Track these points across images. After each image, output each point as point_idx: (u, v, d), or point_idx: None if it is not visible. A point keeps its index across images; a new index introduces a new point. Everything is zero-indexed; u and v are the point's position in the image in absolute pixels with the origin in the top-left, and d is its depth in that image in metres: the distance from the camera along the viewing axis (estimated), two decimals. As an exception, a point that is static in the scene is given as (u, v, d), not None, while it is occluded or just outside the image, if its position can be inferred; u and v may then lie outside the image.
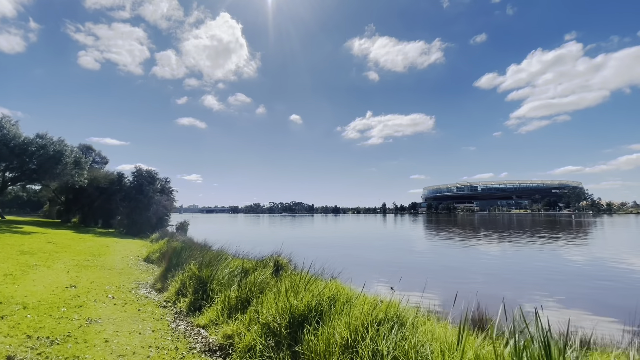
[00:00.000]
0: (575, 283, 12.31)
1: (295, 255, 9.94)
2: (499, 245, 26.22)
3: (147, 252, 13.57)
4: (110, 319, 5.32)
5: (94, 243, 16.08)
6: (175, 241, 13.79)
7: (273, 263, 6.36)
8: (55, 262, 10.13)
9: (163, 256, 12.63)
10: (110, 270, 10.06)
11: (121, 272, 10.07)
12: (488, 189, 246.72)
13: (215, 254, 7.82)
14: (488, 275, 13.80)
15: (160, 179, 26.19)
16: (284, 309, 4.17)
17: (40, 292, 6.53)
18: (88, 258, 11.64)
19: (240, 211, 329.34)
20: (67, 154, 20.04)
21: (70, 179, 20.16)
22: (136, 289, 8.03)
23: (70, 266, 9.80)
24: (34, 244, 13.08)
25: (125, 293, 7.47)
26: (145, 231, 23.94)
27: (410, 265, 16.38)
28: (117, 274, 9.72)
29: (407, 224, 67.03)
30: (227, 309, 5.34)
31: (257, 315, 4.49)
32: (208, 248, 10.05)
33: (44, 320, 4.87)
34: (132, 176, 24.66)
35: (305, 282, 4.54)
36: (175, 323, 5.45)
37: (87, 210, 26.19)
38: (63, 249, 12.77)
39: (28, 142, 19.06)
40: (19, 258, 9.92)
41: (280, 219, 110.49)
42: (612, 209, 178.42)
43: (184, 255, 9.01)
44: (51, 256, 10.96)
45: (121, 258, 12.90)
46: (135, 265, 11.79)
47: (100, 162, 32.10)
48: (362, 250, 23.58)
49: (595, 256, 19.05)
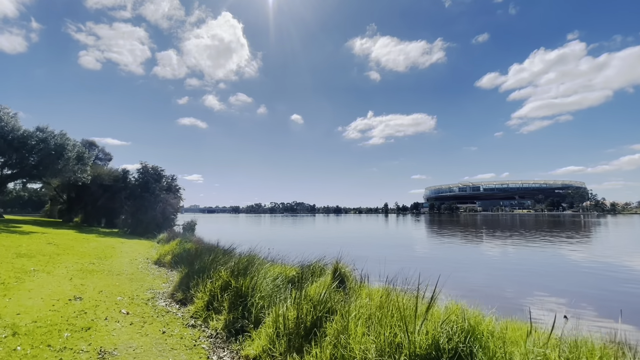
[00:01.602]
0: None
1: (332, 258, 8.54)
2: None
3: (158, 254, 12.25)
4: (129, 349, 3.98)
5: (99, 244, 14.77)
6: (189, 242, 12.46)
7: (332, 271, 5.01)
8: (57, 266, 8.81)
9: (178, 259, 11.32)
10: (119, 276, 8.74)
11: (132, 278, 8.74)
12: (490, 189, 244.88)
13: (248, 258, 6.47)
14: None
15: (167, 176, 24.87)
16: (391, 344, 2.83)
17: (38, 307, 5.20)
18: (93, 261, 10.32)
19: (241, 211, 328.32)
20: (69, 148, 18.57)
21: (72, 175, 18.72)
22: (153, 300, 6.70)
23: (74, 271, 8.47)
24: (33, 245, 11.75)
25: (142, 306, 6.14)
26: (151, 231, 22.63)
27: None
28: (127, 280, 8.39)
29: (418, 224, 65.63)
30: (284, 334, 3.99)
31: (343, 350, 3.14)
32: (231, 250, 8.71)
33: (40, 354, 3.53)
34: (138, 173, 23.33)
35: (414, 303, 3.18)
36: (215, 354, 4.10)
37: (89, 209, 24.84)
38: (65, 251, 11.45)
39: (28, 136, 17.61)
40: (15, 262, 8.59)
41: (283, 219, 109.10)
42: (617, 209, 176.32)
43: (207, 259, 7.67)
44: (52, 259, 9.63)
45: (129, 261, 11.59)
46: (146, 269, 10.47)
47: (104, 158, 30.71)
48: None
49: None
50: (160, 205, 22.13)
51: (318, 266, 5.96)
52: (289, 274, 6.20)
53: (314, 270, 5.84)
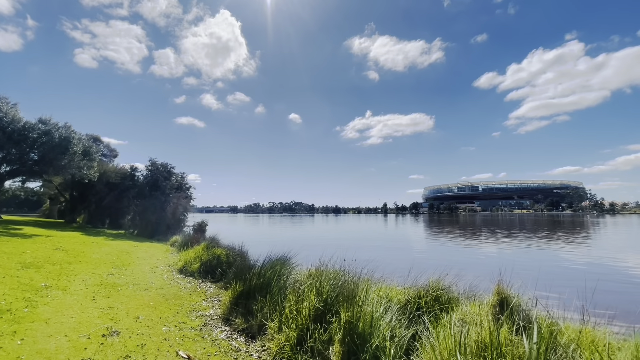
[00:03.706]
0: None
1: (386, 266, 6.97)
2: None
3: (183, 261, 10.66)
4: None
5: (111, 249, 13.14)
6: (218, 248, 10.88)
7: (495, 300, 3.51)
8: (71, 279, 7.22)
9: (208, 267, 9.76)
10: (149, 292, 7.16)
11: (164, 294, 7.17)
12: (489, 189, 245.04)
13: (335, 274, 4.94)
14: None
15: (177, 174, 23.13)
16: None
17: (64, 352, 3.64)
18: (111, 271, 8.73)
19: (239, 211, 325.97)
20: (74, 142, 16.67)
21: (77, 172, 16.90)
22: (207, 330, 5.15)
23: (94, 286, 6.89)
24: (39, 252, 10.12)
25: (198, 341, 4.59)
26: (161, 232, 21.00)
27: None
28: (160, 297, 6.83)
29: (423, 224, 64.27)
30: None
31: None
32: (286, 259, 7.13)
33: None
34: (147, 170, 21.60)
35: None
36: None
37: (93, 208, 23.07)
38: (76, 259, 9.83)
39: (29, 128, 15.75)
40: (21, 275, 6.98)
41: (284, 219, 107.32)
42: (616, 209, 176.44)
43: (267, 274, 6.12)
44: (63, 270, 8.03)
45: (150, 269, 10.01)
46: (173, 280, 8.89)
47: (109, 155, 28.69)
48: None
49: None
50: (171, 205, 20.46)
51: (440, 288, 4.42)
52: (394, 297, 4.67)
53: (439, 296, 4.32)
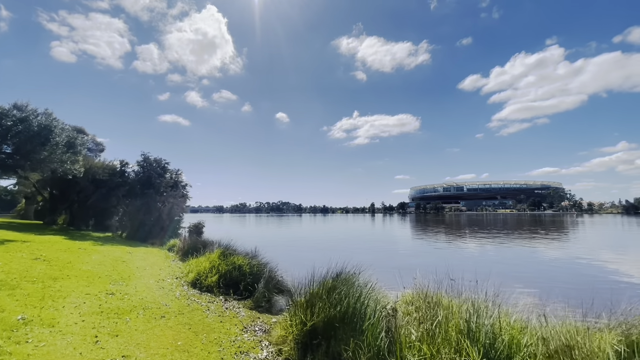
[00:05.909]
0: None
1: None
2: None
3: (195, 272, 8.89)
4: None
5: (102, 256, 11.13)
6: (238, 256, 9.14)
7: None
8: (60, 305, 5.40)
9: (231, 281, 8.08)
10: (167, 320, 5.45)
11: (188, 323, 5.46)
12: (474, 189, 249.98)
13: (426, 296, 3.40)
14: None
15: (172, 170, 20.97)
16: None
17: None
18: (110, 289, 6.90)
19: (225, 211, 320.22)
20: (57, 132, 14.33)
21: (60, 166, 14.56)
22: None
23: (92, 316, 5.12)
24: (13, 264, 8.09)
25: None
26: (155, 235, 18.92)
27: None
28: (186, 330, 5.12)
29: (416, 224, 63.65)
30: None
31: None
32: (349, 274, 5.56)
33: None
34: (138, 166, 19.38)
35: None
36: None
37: (76, 208, 20.62)
38: (63, 272, 7.88)
39: (2, 114, 13.34)
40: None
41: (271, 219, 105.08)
42: (594, 209, 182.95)
43: (337, 296, 4.54)
44: (48, 290, 6.14)
45: (156, 283, 8.22)
46: (189, 299, 7.16)
47: (95, 149, 25.86)
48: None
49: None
50: (167, 205, 18.41)
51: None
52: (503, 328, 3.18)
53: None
